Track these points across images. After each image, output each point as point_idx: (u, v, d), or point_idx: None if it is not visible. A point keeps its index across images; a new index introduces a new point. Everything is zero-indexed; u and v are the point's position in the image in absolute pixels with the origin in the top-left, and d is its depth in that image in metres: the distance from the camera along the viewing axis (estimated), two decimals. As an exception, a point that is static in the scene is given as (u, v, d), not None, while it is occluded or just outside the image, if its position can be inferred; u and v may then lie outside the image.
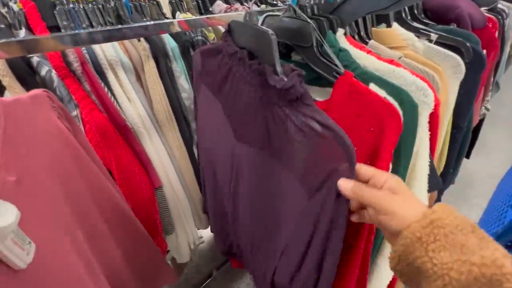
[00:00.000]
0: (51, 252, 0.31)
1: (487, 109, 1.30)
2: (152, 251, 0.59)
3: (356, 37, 0.54)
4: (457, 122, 0.69)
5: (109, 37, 0.53)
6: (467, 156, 1.32)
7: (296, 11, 0.44)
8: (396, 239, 0.31)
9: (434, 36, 0.65)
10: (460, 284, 0.27)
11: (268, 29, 0.36)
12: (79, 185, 0.39)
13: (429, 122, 0.44)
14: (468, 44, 0.62)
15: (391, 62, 0.46)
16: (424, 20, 0.72)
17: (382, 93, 0.41)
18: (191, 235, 0.92)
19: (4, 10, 0.67)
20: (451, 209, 0.31)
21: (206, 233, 0.88)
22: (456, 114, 0.67)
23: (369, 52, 0.48)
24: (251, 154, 0.47)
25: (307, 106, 0.37)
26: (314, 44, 0.44)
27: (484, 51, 0.65)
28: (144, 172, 0.72)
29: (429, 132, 0.45)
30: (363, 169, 0.36)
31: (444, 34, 0.64)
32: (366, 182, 0.35)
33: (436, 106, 0.44)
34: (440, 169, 0.73)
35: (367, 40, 0.55)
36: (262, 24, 0.48)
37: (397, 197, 0.33)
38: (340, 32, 0.48)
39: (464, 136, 0.74)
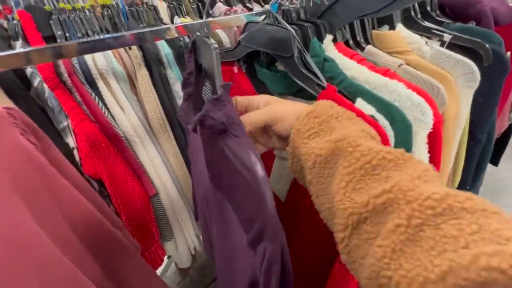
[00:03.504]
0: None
1: (520, 113, 1.16)
2: (138, 264, 0.58)
3: (351, 42, 0.49)
4: (475, 134, 0.60)
5: (92, 48, 0.52)
6: (495, 164, 1.20)
7: (276, 17, 0.40)
8: None
9: (447, 37, 0.57)
10: (322, 159, 0.29)
11: (211, 42, 0.32)
12: (45, 201, 0.38)
13: (429, 143, 0.38)
14: (487, 46, 0.54)
15: (385, 72, 0.40)
16: (438, 18, 0.64)
17: (370, 110, 0.36)
18: (191, 241, 0.91)
19: (5, 22, 0.69)
20: (332, 103, 0.33)
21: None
22: (474, 124, 0.59)
23: (361, 60, 0.42)
24: (211, 189, 0.43)
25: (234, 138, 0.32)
26: (296, 54, 0.39)
27: (508, 53, 0.56)
28: (137, 181, 0.72)
29: (429, 154, 0.39)
30: (238, 100, 0.38)
31: (459, 35, 0.57)
32: (245, 112, 0.38)
33: (437, 124, 0.38)
34: (454, 185, 0.65)
35: (364, 46, 0.49)
36: (243, 32, 0.45)
37: (276, 105, 0.36)
38: (328, 38, 0.43)
39: (484, 149, 0.65)
